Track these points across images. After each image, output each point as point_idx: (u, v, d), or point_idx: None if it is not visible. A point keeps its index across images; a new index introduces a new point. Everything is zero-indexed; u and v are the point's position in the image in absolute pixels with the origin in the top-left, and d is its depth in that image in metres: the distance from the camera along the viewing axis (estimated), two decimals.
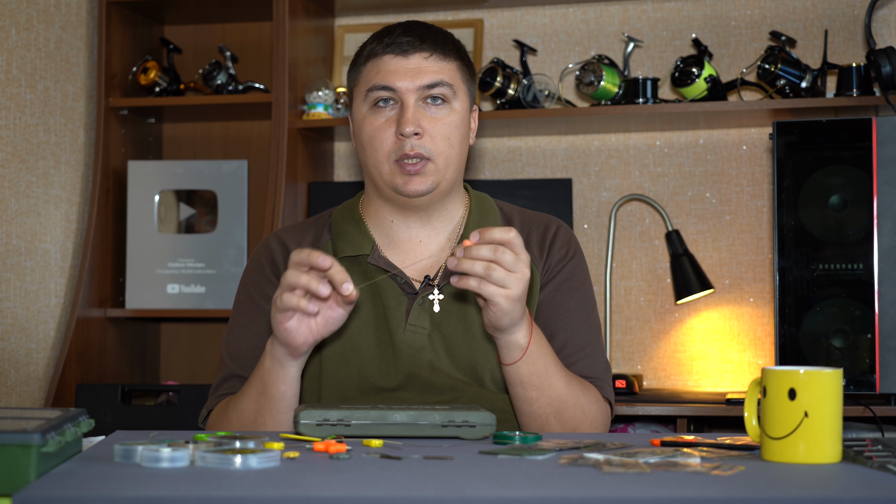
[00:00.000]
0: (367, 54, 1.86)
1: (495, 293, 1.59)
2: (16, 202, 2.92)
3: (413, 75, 1.82)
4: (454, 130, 1.84)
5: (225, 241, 3.20)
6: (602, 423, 1.84)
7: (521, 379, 1.73)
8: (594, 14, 3.29)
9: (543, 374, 1.72)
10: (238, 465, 1.27)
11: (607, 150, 3.28)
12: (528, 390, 1.74)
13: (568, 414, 1.77)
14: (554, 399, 1.75)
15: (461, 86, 1.87)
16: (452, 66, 1.86)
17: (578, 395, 1.78)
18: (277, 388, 1.70)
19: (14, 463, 1.21)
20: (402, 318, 1.84)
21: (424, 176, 1.82)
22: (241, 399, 1.76)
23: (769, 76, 2.93)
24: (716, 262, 3.20)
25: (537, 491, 1.19)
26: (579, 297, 1.90)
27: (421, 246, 1.89)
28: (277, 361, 1.69)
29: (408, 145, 1.80)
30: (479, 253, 1.58)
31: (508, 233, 1.59)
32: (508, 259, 1.58)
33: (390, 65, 1.83)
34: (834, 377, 1.37)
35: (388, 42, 1.84)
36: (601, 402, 1.84)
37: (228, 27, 3.47)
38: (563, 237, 1.92)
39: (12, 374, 2.91)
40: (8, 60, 2.89)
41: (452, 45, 1.88)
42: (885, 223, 2.62)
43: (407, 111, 1.81)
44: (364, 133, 1.85)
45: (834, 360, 2.63)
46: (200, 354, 3.42)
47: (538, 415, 1.76)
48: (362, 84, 1.86)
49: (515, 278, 1.59)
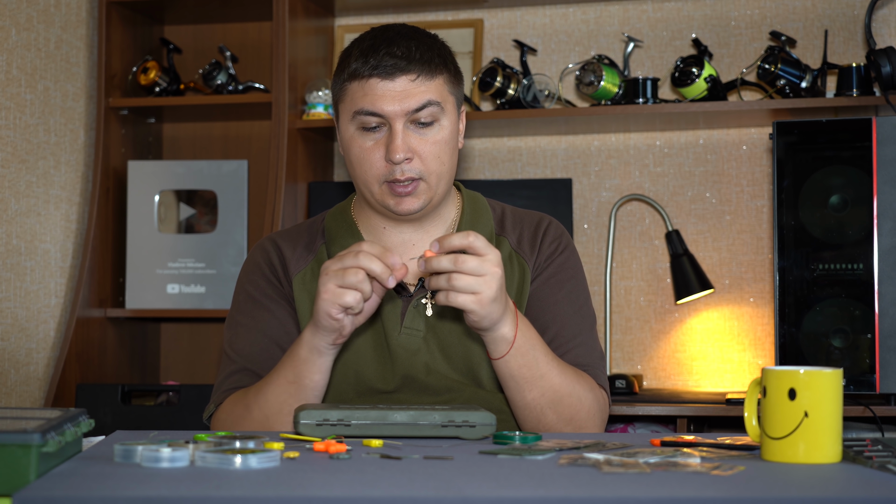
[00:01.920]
0: (352, 72, 1.80)
1: (465, 301, 1.59)
2: (16, 202, 2.92)
3: (401, 99, 1.78)
4: (444, 147, 1.82)
5: (225, 241, 3.20)
6: (599, 411, 1.82)
7: (511, 373, 1.71)
8: (594, 14, 3.29)
9: (534, 365, 1.71)
10: (238, 465, 1.27)
11: (607, 150, 3.28)
12: (520, 383, 1.72)
13: (563, 403, 1.75)
14: (547, 390, 1.73)
15: (449, 98, 1.83)
16: (439, 82, 1.81)
17: (573, 383, 1.76)
18: (312, 377, 1.70)
19: (14, 463, 1.21)
20: (397, 322, 1.84)
21: (416, 196, 1.81)
22: (266, 390, 1.74)
23: (769, 76, 2.93)
24: (716, 262, 3.20)
25: (537, 491, 1.19)
26: (569, 288, 1.89)
27: (414, 249, 1.89)
28: (317, 351, 1.68)
29: (398, 170, 1.78)
30: (440, 265, 1.57)
31: (467, 237, 1.58)
32: (471, 265, 1.57)
33: (377, 89, 1.78)
34: (834, 377, 1.37)
35: (373, 64, 1.78)
36: (596, 390, 1.82)
37: (228, 27, 3.47)
38: (553, 232, 1.92)
39: (12, 374, 2.91)
40: (8, 60, 2.89)
41: (439, 59, 1.82)
42: (885, 223, 2.62)
43: (396, 137, 1.77)
44: (353, 154, 1.82)
45: (834, 360, 2.63)
46: (200, 354, 3.42)
47: (533, 407, 1.74)
48: (347, 103, 1.81)
49: (483, 281, 1.58)
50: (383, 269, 1.59)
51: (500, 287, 1.60)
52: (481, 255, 1.58)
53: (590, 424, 1.79)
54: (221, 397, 1.83)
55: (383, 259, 1.59)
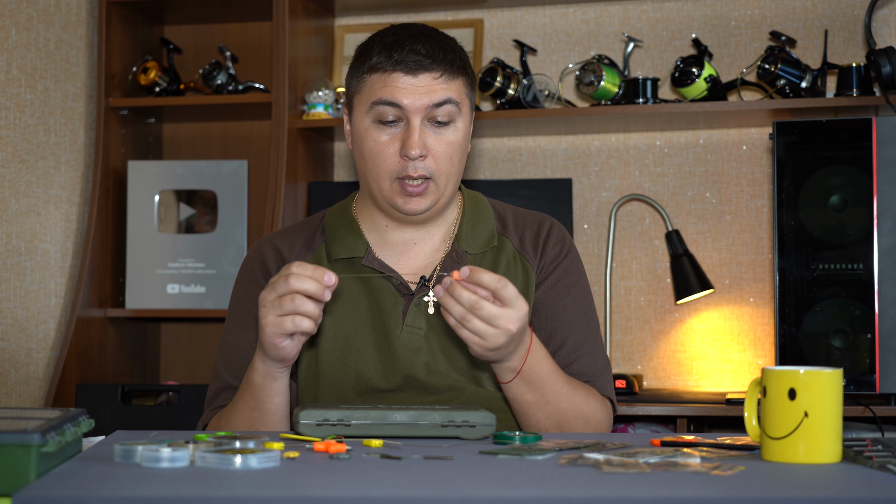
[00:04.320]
0: (373, 65, 1.79)
1: (470, 339, 1.58)
2: (16, 202, 2.92)
3: (422, 94, 1.77)
4: (457, 149, 1.82)
5: (225, 241, 3.20)
6: (606, 427, 1.84)
7: (515, 397, 1.73)
8: (594, 14, 3.29)
9: (539, 391, 1.72)
10: (238, 465, 1.27)
11: (607, 150, 3.28)
12: (525, 407, 1.74)
13: (569, 424, 1.77)
14: (553, 413, 1.75)
15: (465, 101, 1.84)
16: (459, 83, 1.82)
17: (581, 405, 1.77)
18: (272, 400, 1.70)
19: (14, 463, 1.21)
20: (398, 320, 1.83)
21: (425, 196, 1.80)
22: (233, 416, 1.75)
23: (769, 76, 2.93)
24: (716, 262, 3.20)
25: (537, 491, 1.19)
26: (575, 293, 1.89)
27: (415, 248, 1.89)
28: (270, 377, 1.68)
29: (411, 167, 1.78)
30: (461, 297, 1.55)
31: (499, 281, 1.55)
32: (487, 312, 1.55)
33: (399, 82, 1.77)
34: (834, 377, 1.37)
35: (397, 59, 1.77)
36: (605, 406, 1.84)
37: (228, 27, 3.47)
38: (556, 235, 1.91)
39: (12, 374, 2.91)
40: (8, 60, 2.89)
41: (461, 61, 1.83)
42: (885, 223, 2.62)
43: (413, 133, 1.77)
44: (366, 147, 1.81)
45: (834, 360, 2.63)
46: (200, 354, 3.42)
47: (538, 427, 1.76)
48: (365, 94, 1.80)
49: (493, 333, 1.56)
50: (317, 287, 1.55)
51: (508, 341, 1.59)
52: (503, 305, 1.56)
53: None
54: (208, 416, 1.85)
55: (315, 277, 1.55)
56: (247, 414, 1.73)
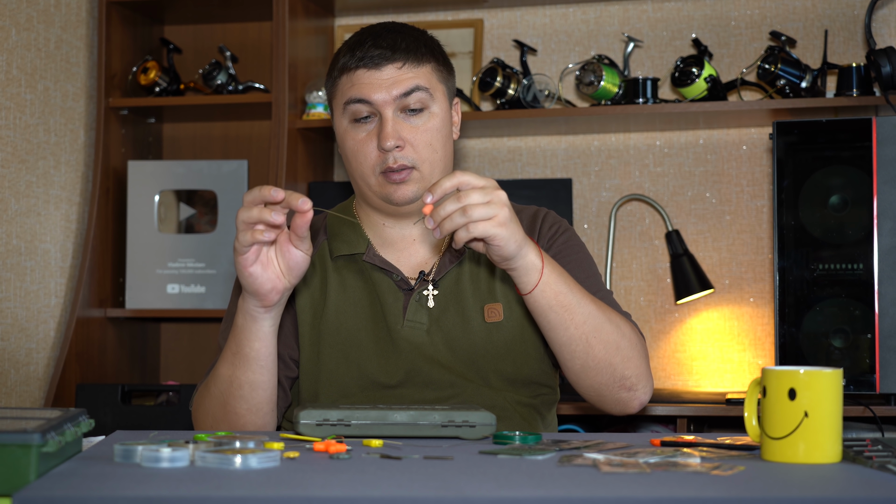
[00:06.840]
0: (341, 67, 1.85)
1: (486, 227, 1.56)
2: (16, 202, 2.92)
3: (388, 86, 1.81)
4: (436, 135, 1.84)
5: (225, 241, 3.20)
6: (638, 338, 1.78)
7: (549, 303, 1.67)
8: (594, 14, 3.29)
9: (568, 292, 1.67)
10: (238, 465, 1.27)
11: (607, 150, 3.28)
12: (560, 313, 1.68)
13: (606, 329, 1.71)
14: (589, 316, 1.70)
15: (438, 86, 1.86)
16: (427, 69, 1.85)
17: (606, 310, 1.74)
18: (252, 345, 1.69)
19: (14, 463, 1.21)
20: (399, 315, 1.85)
21: (409, 183, 1.82)
22: (217, 366, 1.76)
23: (769, 76, 2.93)
24: (716, 262, 3.20)
25: (537, 491, 1.19)
26: (576, 259, 1.88)
27: (414, 244, 1.91)
28: (250, 316, 1.67)
29: (391, 158, 1.81)
30: (447, 209, 1.55)
31: (454, 177, 1.56)
32: (475, 195, 1.55)
33: (364, 78, 1.82)
34: (834, 377, 1.37)
35: (360, 56, 1.83)
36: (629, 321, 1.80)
37: (228, 27, 3.47)
38: (549, 220, 1.94)
39: (12, 374, 2.91)
40: (8, 60, 2.89)
41: (425, 48, 1.86)
42: (885, 223, 2.62)
43: (386, 125, 1.81)
44: (347, 147, 1.86)
45: (834, 360, 2.63)
46: (200, 354, 3.42)
47: (577, 338, 1.70)
48: (339, 97, 1.86)
49: (493, 205, 1.56)
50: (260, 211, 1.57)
51: (509, 208, 1.58)
52: (477, 186, 1.57)
53: (635, 353, 1.76)
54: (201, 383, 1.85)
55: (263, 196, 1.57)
56: (229, 360, 1.72)
